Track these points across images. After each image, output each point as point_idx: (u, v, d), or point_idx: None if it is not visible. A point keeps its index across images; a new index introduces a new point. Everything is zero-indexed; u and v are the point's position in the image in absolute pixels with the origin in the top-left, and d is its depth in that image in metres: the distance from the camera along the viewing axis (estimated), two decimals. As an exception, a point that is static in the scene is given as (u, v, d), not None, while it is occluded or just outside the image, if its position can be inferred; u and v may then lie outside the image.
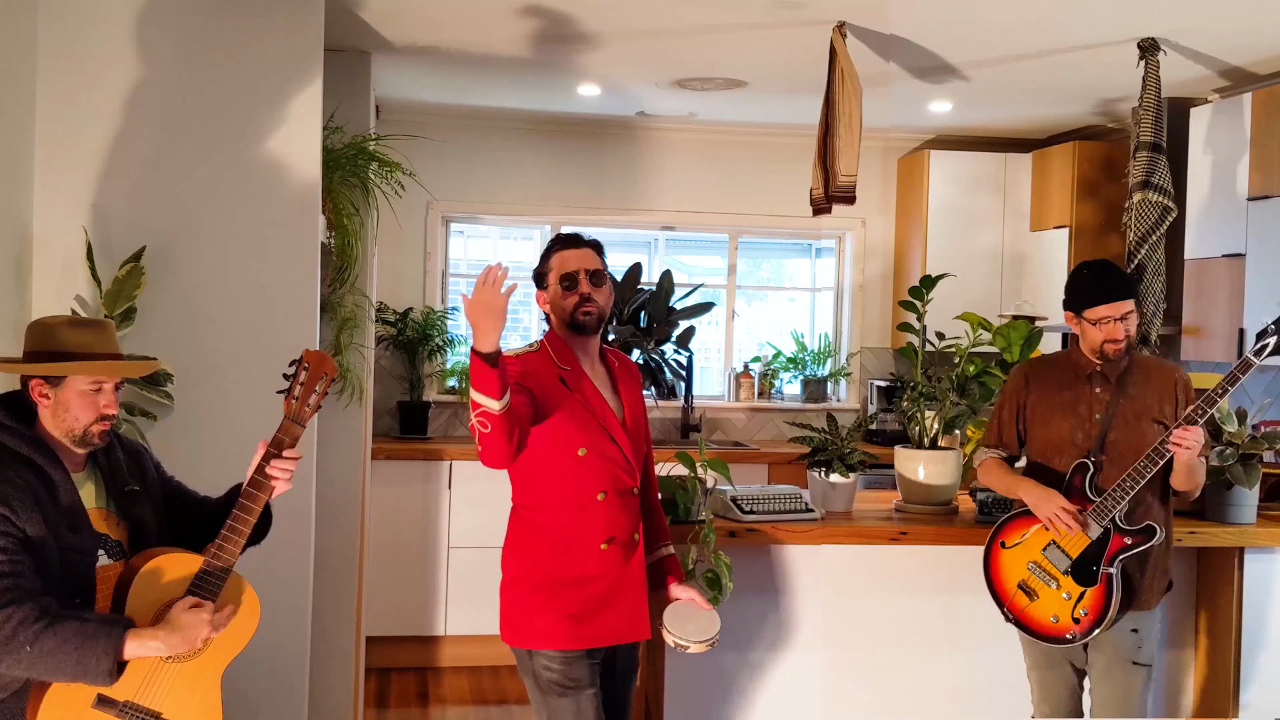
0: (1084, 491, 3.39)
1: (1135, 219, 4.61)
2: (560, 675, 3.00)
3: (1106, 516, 3.33)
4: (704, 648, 3.15)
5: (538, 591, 3.02)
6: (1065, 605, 3.37)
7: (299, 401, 2.68)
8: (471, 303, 2.76)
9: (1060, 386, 3.53)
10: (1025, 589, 3.45)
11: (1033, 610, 3.44)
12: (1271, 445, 3.93)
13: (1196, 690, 4.25)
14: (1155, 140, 4.60)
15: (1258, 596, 4.11)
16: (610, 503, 3.02)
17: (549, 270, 3.11)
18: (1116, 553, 3.33)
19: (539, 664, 3.02)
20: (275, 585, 3.21)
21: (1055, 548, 3.40)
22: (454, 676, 5.77)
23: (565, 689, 2.99)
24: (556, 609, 3.00)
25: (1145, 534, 3.33)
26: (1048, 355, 3.75)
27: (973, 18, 4.27)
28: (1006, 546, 3.52)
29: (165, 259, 3.75)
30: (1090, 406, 3.47)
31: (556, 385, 3.02)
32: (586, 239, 3.15)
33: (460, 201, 6.45)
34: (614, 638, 3.07)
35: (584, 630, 3.01)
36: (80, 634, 2.41)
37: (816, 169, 4.47)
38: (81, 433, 2.58)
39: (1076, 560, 3.36)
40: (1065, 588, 3.37)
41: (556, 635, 3.00)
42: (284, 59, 3.86)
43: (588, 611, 3.01)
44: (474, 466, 5.81)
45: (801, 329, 6.97)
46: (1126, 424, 3.42)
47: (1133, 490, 3.30)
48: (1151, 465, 3.28)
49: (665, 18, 4.37)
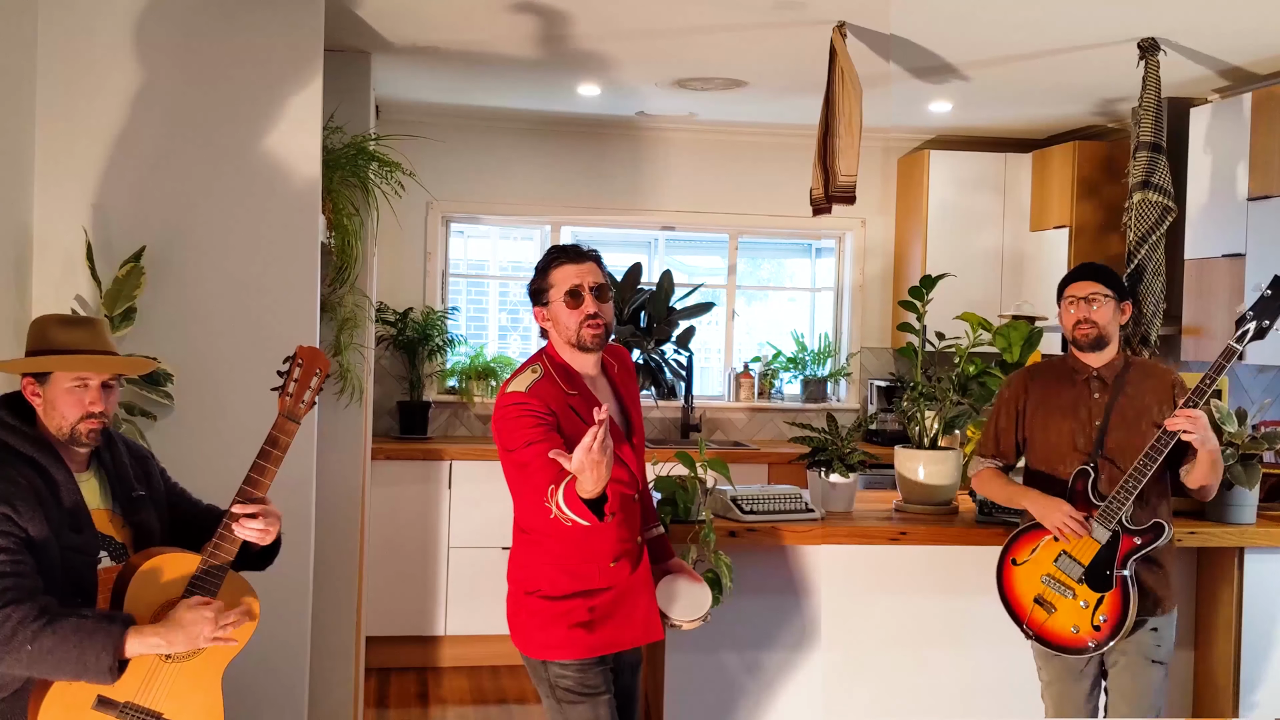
0: (1087, 497, 3.38)
1: (1135, 219, 4.61)
2: (575, 683, 2.98)
3: (1113, 519, 3.32)
4: (695, 624, 3.13)
5: (548, 605, 3.00)
6: (1084, 614, 3.36)
7: (293, 398, 2.69)
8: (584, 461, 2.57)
9: (1058, 391, 3.52)
10: (1042, 603, 3.43)
11: (1052, 624, 3.42)
12: (1271, 445, 3.93)
13: (1196, 690, 4.25)
14: (1155, 140, 4.59)
15: (1258, 596, 4.11)
16: (619, 518, 2.97)
17: (549, 286, 2.98)
18: (1128, 554, 3.32)
19: (554, 673, 3.00)
20: (275, 585, 3.20)
21: (1067, 557, 3.39)
22: (454, 676, 5.77)
23: (581, 696, 2.99)
24: (568, 620, 2.98)
25: (1154, 532, 3.32)
26: (1043, 361, 3.74)
27: (973, 18, 4.27)
28: (1018, 564, 3.50)
29: (165, 259, 3.74)
30: (1090, 410, 3.46)
31: (568, 414, 2.92)
32: (585, 250, 3.02)
33: (460, 201, 6.45)
34: (627, 643, 3.06)
35: (596, 638, 2.99)
36: (80, 631, 2.41)
37: (816, 169, 4.47)
38: (70, 431, 2.58)
39: (1089, 567, 3.35)
40: (1082, 596, 3.36)
41: (570, 646, 2.98)
42: (284, 59, 3.86)
43: (599, 619, 2.99)
44: (474, 466, 5.82)
45: (801, 329, 6.97)
46: (1126, 426, 3.41)
47: (1135, 490, 3.30)
48: (1151, 462, 3.27)
49: (665, 18, 4.36)
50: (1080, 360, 3.51)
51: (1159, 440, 3.27)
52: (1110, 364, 3.48)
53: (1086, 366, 3.49)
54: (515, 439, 2.86)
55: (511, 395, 2.91)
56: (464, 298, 6.74)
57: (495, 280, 6.85)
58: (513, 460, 2.88)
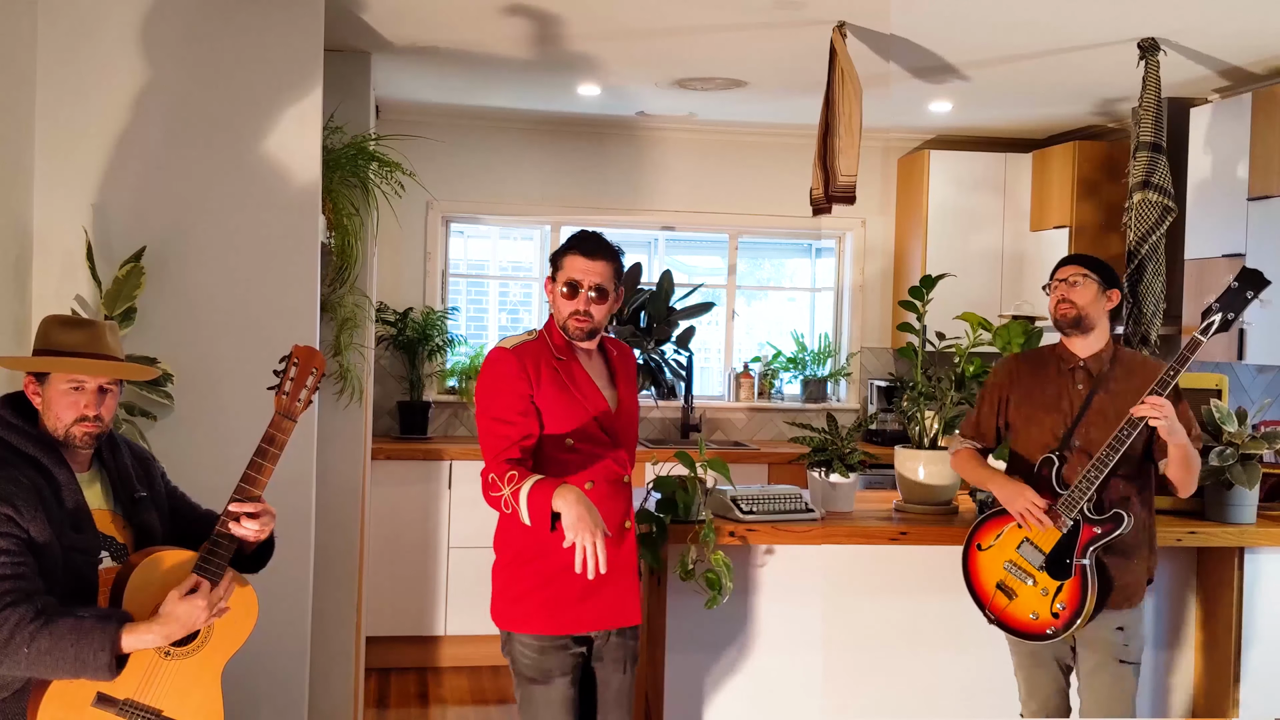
0: (1051, 484, 3.40)
1: (1135, 219, 4.61)
2: (533, 662, 3.07)
3: (1075, 508, 3.33)
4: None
5: (523, 577, 3.08)
6: (1043, 601, 3.38)
7: (289, 397, 2.69)
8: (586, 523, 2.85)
9: (1044, 381, 3.54)
10: (1004, 589, 3.46)
11: (1013, 609, 3.45)
12: (1271, 445, 3.93)
13: (1195, 690, 4.25)
14: (1155, 140, 4.59)
15: (1257, 596, 4.11)
16: (599, 492, 3.05)
17: (558, 269, 3.12)
18: (1087, 543, 3.34)
19: (516, 648, 3.10)
20: (275, 585, 3.21)
21: (1029, 544, 3.42)
22: (454, 676, 5.78)
23: (536, 675, 3.07)
24: (538, 595, 3.05)
25: (1113, 522, 3.33)
26: (1034, 350, 3.74)
27: (973, 18, 4.27)
28: (983, 549, 3.53)
29: (165, 259, 3.75)
30: (1072, 402, 3.48)
31: (550, 376, 3.05)
32: (604, 247, 3.12)
33: (460, 201, 6.45)
34: (597, 624, 3.11)
35: (563, 617, 3.06)
36: (76, 630, 2.41)
37: (816, 169, 4.47)
38: (64, 432, 2.59)
39: (1050, 555, 3.37)
40: (1041, 583, 3.39)
41: (534, 620, 3.06)
42: (284, 59, 3.86)
43: (570, 598, 3.05)
44: (474, 466, 5.81)
45: (801, 329, 6.97)
46: (1104, 420, 3.40)
47: (1097, 479, 3.30)
48: (1114, 451, 3.28)
49: (665, 18, 4.37)
50: (1068, 349, 3.53)
51: (1123, 430, 3.28)
52: (1097, 355, 3.49)
53: (1074, 356, 3.51)
54: (486, 403, 3.05)
55: (495, 351, 3.09)
56: (464, 298, 6.74)
57: (495, 280, 6.85)
58: (480, 422, 3.06)
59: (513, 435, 2.98)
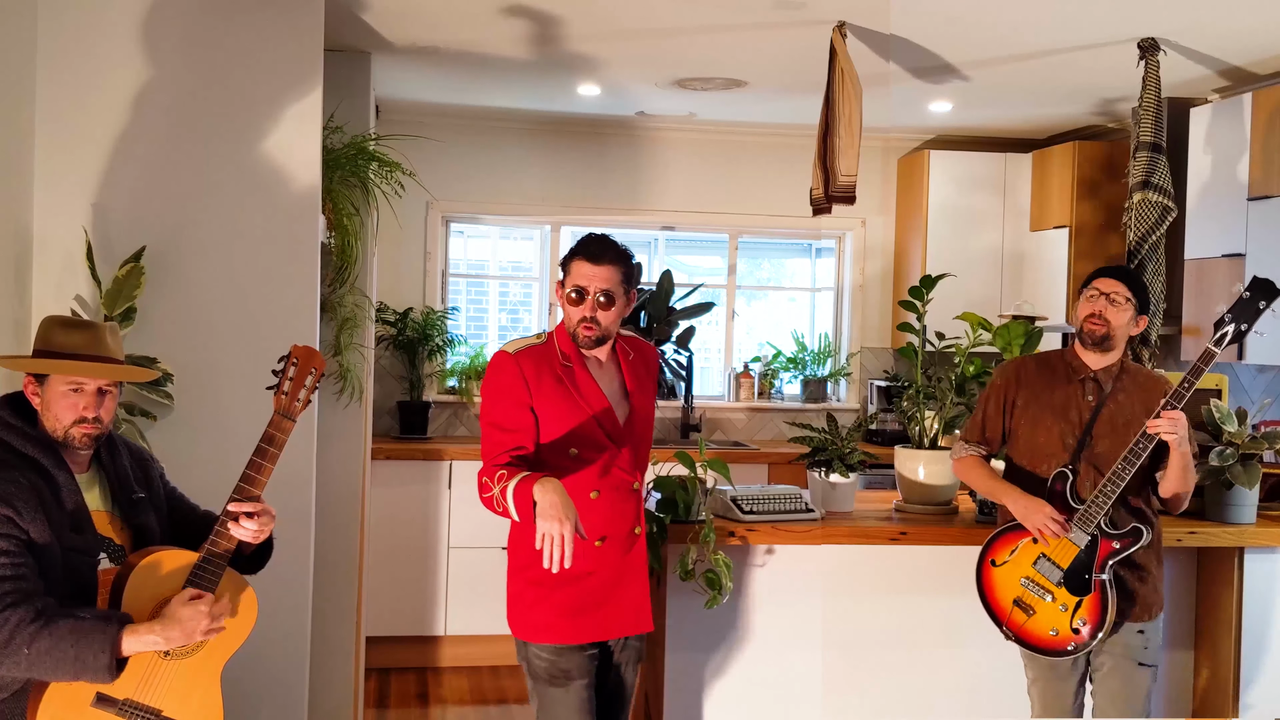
0: (1065, 499, 3.36)
1: (1135, 219, 4.61)
2: (550, 666, 3.07)
3: (1092, 523, 3.30)
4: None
5: (534, 585, 3.07)
6: (1063, 617, 3.35)
7: (288, 397, 2.69)
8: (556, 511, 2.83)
9: (1052, 388, 3.49)
10: (1021, 605, 3.42)
11: (1031, 626, 3.41)
12: (1271, 445, 3.93)
13: (1196, 690, 4.25)
14: (1155, 140, 4.59)
15: (1258, 596, 4.11)
16: (605, 500, 3.04)
17: (565, 274, 3.10)
18: (1106, 558, 3.31)
19: (532, 654, 3.10)
20: (275, 585, 3.21)
21: (1045, 560, 3.38)
22: (454, 676, 5.77)
23: (554, 679, 3.07)
24: (551, 603, 3.05)
25: (1132, 536, 3.30)
26: (1041, 354, 3.70)
27: (973, 18, 4.27)
28: (997, 565, 3.48)
29: (165, 259, 3.74)
30: (1080, 411, 3.43)
31: (552, 382, 3.04)
32: (611, 251, 3.08)
33: (460, 201, 6.45)
34: (612, 632, 3.11)
35: (577, 625, 3.06)
36: (76, 631, 2.41)
37: (816, 169, 4.46)
38: (64, 433, 2.59)
39: (1068, 570, 3.33)
40: (1061, 599, 3.35)
41: (550, 630, 3.06)
42: (284, 59, 3.86)
43: (584, 606, 3.05)
44: (474, 466, 5.76)
45: (801, 329, 6.97)
46: (1113, 431, 3.38)
47: (1114, 494, 3.27)
48: (1130, 466, 3.24)
49: (665, 18, 4.36)
50: (1080, 359, 3.47)
51: (1138, 443, 3.24)
52: (1109, 368, 3.45)
53: (1085, 366, 3.46)
54: (486, 407, 3.08)
55: (498, 355, 3.11)
56: (464, 298, 6.74)
57: (495, 280, 6.85)
58: (481, 424, 3.09)
59: (507, 442, 2.99)
